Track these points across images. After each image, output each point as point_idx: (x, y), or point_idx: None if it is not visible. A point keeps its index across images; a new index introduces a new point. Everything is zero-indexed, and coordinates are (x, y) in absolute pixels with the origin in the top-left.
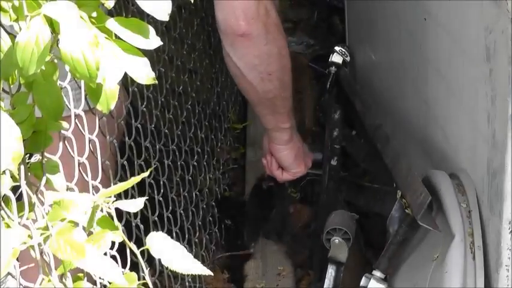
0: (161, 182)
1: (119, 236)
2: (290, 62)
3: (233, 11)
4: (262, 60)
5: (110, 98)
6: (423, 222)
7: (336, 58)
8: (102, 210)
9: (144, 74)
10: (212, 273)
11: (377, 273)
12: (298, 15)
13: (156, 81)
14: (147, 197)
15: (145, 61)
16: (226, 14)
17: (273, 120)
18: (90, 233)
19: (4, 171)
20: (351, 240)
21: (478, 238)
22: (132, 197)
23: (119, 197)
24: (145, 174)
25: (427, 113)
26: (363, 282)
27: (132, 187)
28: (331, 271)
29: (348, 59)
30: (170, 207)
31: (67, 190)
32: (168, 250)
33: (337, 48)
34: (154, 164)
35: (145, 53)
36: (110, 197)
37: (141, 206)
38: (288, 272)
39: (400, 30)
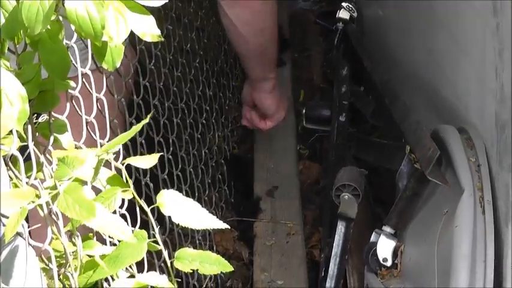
0: (170, 140)
1: (129, 193)
2: (277, 16)
3: None
4: (256, 17)
5: (116, 55)
6: (432, 176)
7: (343, 14)
8: (110, 168)
9: (150, 31)
10: (227, 226)
11: (387, 229)
12: None
13: (163, 39)
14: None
15: (151, 19)
16: None
17: (261, 71)
18: (97, 191)
19: (11, 131)
20: (360, 196)
21: (487, 192)
22: (142, 155)
23: (127, 154)
24: (145, 122)
25: (435, 66)
26: (372, 237)
27: (141, 145)
28: (340, 227)
29: (355, 14)
30: (180, 165)
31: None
32: (179, 207)
33: (344, 3)
34: (163, 122)
35: (152, 10)
36: (118, 152)
37: (154, 162)
38: (297, 229)
39: None
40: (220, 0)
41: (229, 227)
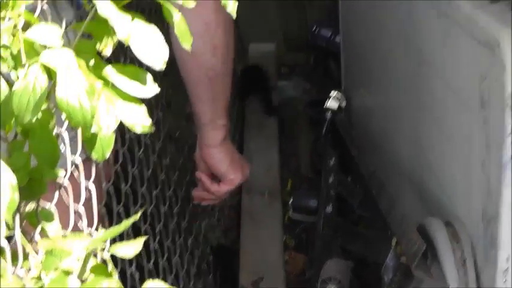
0: (157, 230)
1: (114, 283)
2: (234, 42)
3: None
4: (209, 28)
5: (106, 146)
6: (418, 271)
7: (332, 103)
8: (96, 256)
9: (140, 121)
10: None
11: None
12: (294, 60)
13: (153, 129)
14: (143, 245)
15: (142, 109)
16: None
17: (209, 110)
18: (84, 281)
19: None
20: None
21: (473, 286)
22: None
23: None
24: (137, 216)
25: (422, 159)
26: None
27: (128, 235)
28: None
29: (343, 104)
30: (165, 255)
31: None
32: None
33: (333, 93)
34: (151, 211)
35: (143, 99)
36: (104, 242)
37: (140, 248)
38: None
39: (395, 76)
40: None
41: None
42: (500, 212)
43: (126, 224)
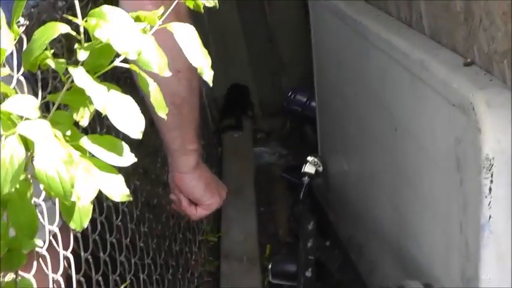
0: None
1: None
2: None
3: None
4: (171, 52)
5: (84, 215)
6: None
7: (309, 168)
8: None
9: (118, 191)
10: None
11: None
12: (270, 125)
13: (131, 198)
14: None
15: (119, 178)
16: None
17: (179, 138)
18: None
19: None
20: None
21: None
22: None
23: None
24: None
25: (400, 222)
26: None
27: None
28: None
29: (320, 169)
30: None
31: None
32: None
33: (309, 158)
34: (130, 278)
35: (120, 168)
36: None
37: None
38: None
39: (372, 140)
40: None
41: None
42: (479, 273)
43: None
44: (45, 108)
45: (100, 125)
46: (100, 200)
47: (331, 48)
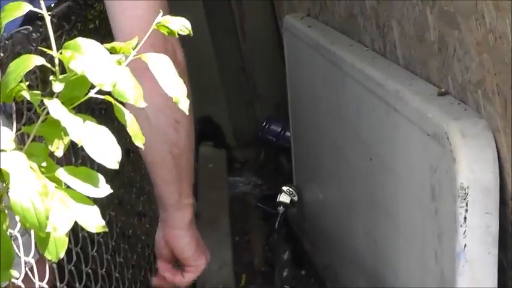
0: None
1: None
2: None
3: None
4: (170, 103)
5: (59, 246)
6: None
7: (284, 198)
8: None
9: (93, 222)
10: None
11: None
12: (245, 155)
13: (106, 229)
14: None
15: (95, 209)
16: None
17: (176, 192)
18: None
19: None
20: None
21: None
22: None
23: None
24: None
25: (376, 250)
26: None
27: None
28: None
29: (295, 198)
30: None
31: None
32: None
33: (284, 187)
34: None
35: (95, 199)
36: None
37: None
38: None
39: (347, 170)
40: None
41: None
42: None
43: None
44: (20, 140)
45: (75, 156)
46: (75, 230)
47: (306, 78)
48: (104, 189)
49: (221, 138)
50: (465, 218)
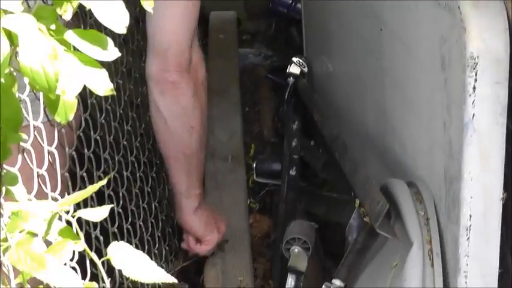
0: (120, 194)
1: (81, 245)
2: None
3: (166, 60)
4: (187, 111)
5: (69, 109)
6: (381, 230)
7: (294, 69)
8: (61, 219)
9: (102, 85)
10: (175, 280)
11: (336, 282)
12: (256, 27)
13: (115, 92)
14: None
15: (103, 73)
16: (159, 63)
17: (185, 182)
18: (47, 243)
19: None
20: (310, 249)
21: (436, 245)
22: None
23: (78, 208)
24: (103, 182)
25: (385, 122)
26: None
27: (92, 199)
28: (290, 280)
29: (305, 69)
30: (130, 219)
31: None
32: (129, 260)
33: (294, 59)
34: (114, 175)
35: (103, 65)
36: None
37: (106, 214)
38: (248, 283)
39: (356, 41)
40: (154, 92)
41: (177, 281)
42: (462, 172)
43: (93, 188)
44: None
45: (84, 24)
46: (84, 97)
47: None
48: (112, 53)
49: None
50: (474, 88)
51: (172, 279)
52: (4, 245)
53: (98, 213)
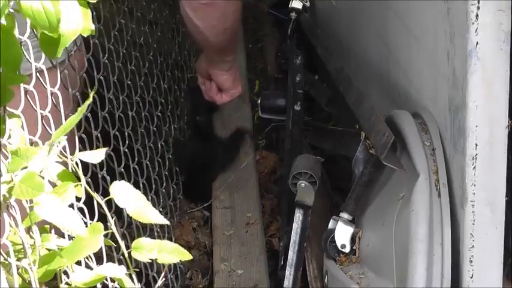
0: (126, 134)
1: (81, 188)
2: (241, 12)
3: None
4: (220, 21)
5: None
6: (387, 162)
7: (296, 4)
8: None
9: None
10: (169, 223)
11: (344, 215)
12: None
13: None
14: (113, 149)
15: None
16: None
17: (219, 57)
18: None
19: None
20: (317, 183)
21: (442, 175)
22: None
23: (84, 148)
24: (88, 101)
25: (388, 54)
26: (330, 224)
27: (97, 139)
28: (298, 215)
29: (307, 4)
30: (136, 158)
31: (31, 144)
32: (130, 198)
33: None
34: (118, 115)
35: (104, 4)
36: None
37: (103, 157)
38: (256, 219)
39: None
40: (187, 8)
41: (188, 220)
42: (466, 101)
43: (82, 109)
44: None
45: None
46: (86, 38)
47: None
48: None
49: None
50: (477, 16)
51: (165, 221)
52: (9, 185)
53: (95, 156)
